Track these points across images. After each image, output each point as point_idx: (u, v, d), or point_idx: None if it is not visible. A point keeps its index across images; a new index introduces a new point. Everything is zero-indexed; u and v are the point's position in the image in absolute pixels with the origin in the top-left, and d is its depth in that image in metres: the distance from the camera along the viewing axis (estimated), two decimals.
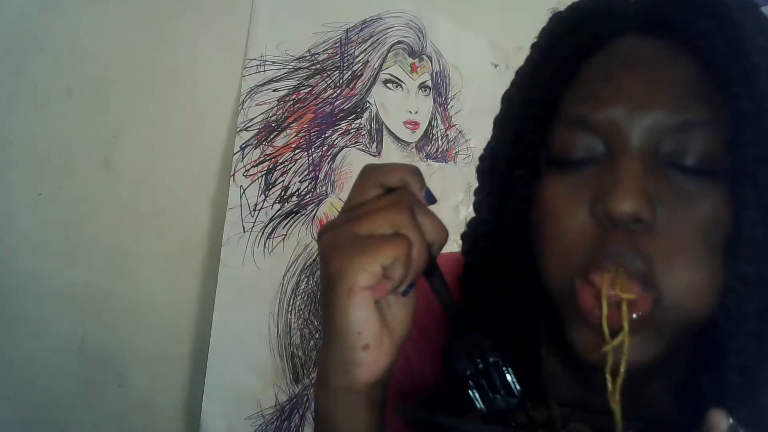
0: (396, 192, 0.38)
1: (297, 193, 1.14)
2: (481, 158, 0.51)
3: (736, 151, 0.38)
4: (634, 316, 0.37)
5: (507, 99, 0.50)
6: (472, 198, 0.52)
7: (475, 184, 0.51)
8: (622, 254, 0.38)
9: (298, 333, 1.13)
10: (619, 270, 0.38)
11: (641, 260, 0.38)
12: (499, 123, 0.51)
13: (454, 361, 0.39)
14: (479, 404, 0.38)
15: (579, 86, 0.43)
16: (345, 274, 0.35)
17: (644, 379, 0.45)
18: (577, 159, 0.42)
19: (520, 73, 0.50)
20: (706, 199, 0.38)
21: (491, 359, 0.39)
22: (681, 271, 0.38)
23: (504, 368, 0.39)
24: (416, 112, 1.30)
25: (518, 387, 0.39)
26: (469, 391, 0.38)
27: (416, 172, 0.39)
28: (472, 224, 0.51)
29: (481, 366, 0.39)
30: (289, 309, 1.12)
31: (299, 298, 1.14)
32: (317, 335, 1.15)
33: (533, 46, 0.49)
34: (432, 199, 0.40)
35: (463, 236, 0.51)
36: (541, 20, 0.50)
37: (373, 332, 0.37)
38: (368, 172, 0.39)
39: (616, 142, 0.40)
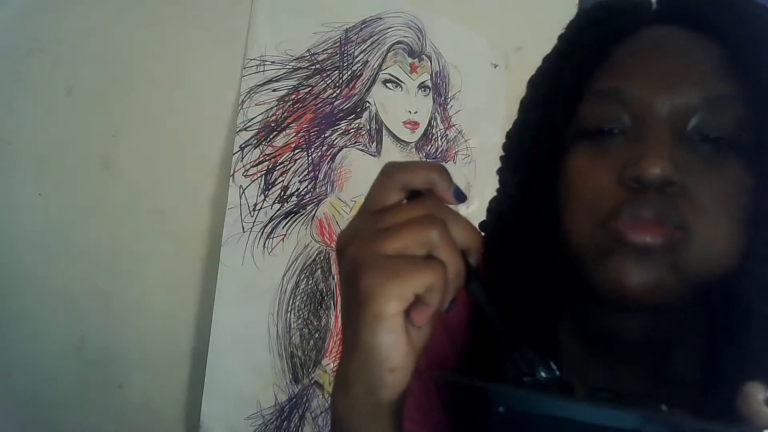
0: (423, 200, 0.36)
1: (296, 193, 1.14)
2: (508, 137, 0.53)
3: (760, 127, 0.41)
4: (659, 240, 0.39)
5: (533, 83, 0.51)
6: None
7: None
8: (655, 203, 0.39)
9: (298, 333, 1.13)
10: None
11: (673, 210, 0.40)
12: (525, 106, 0.52)
13: (503, 372, 0.38)
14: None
15: (608, 66, 0.46)
16: (374, 299, 0.33)
17: (665, 344, 0.45)
18: (605, 130, 0.44)
19: (547, 60, 0.51)
20: (731, 168, 0.41)
21: (542, 375, 0.37)
22: (708, 220, 0.40)
23: (551, 378, 0.38)
24: (416, 112, 1.30)
25: (556, 369, 0.38)
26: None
27: (442, 171, 0.36)
28: (497, 199, 0.52)
29: (530, 380, 0.37)
30: (289, 309, 1.12)
31: (299, 297, 1.14)
32: (317, 335, 1.16)
33: (560, 38, 0.51)
34: (462, 197, 0.37)
35: (488, 210, 0.52)
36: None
37: (401, 355, 0.35)
38: (390, 171, 0.36)
39: (646, 115, 0.42)
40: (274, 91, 1.11)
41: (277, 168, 1.11)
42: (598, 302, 0.45)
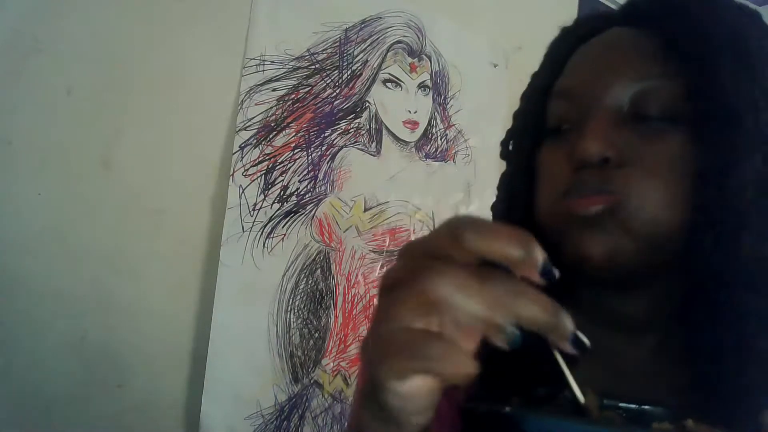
0: (494, 280, 0.29)
1: (296, 192, 1.14)
2: (502, 144, 0.58)
3: (695, 101, 0.45)
4: (599, 208, 0.44)
5: (522, 96, 0.57)
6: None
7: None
8: (593, 178, 0.44)
9: (298, 333, 1.13)
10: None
11: (610, 181, 0.44)
12: (515, 115, 0.57)
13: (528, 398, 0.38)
14: None
15: (566, 69, 0.51)
16: (380, 372, 0.31)
17: (670, 318, 0.46)
18: (561, 125, 0.49)
19: (534, 75, 0.56)
20: (669, 139, 0.45)
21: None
22: (642, 184, 0.44)
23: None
24: (415, 112, 1.30)
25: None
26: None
27: (530, 245, 0.29)
28: (495, 200, 0.57)
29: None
30: (289, 309, 1.12)
31: (298, 297, 1.14)
32: (316, 335, 1.16)
33: (545, 55, 0.56)
34: (551, 275, 0.29)
35: (493, 207, 0.56)
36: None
37: (428, 402, 0.32)
38: (461, 230, 0.29)
39: (589, 107, 0.46)
40: (273, 90, 1.11)
41: (277, 168, 1.11)
42: (590, 285, 0.47)
